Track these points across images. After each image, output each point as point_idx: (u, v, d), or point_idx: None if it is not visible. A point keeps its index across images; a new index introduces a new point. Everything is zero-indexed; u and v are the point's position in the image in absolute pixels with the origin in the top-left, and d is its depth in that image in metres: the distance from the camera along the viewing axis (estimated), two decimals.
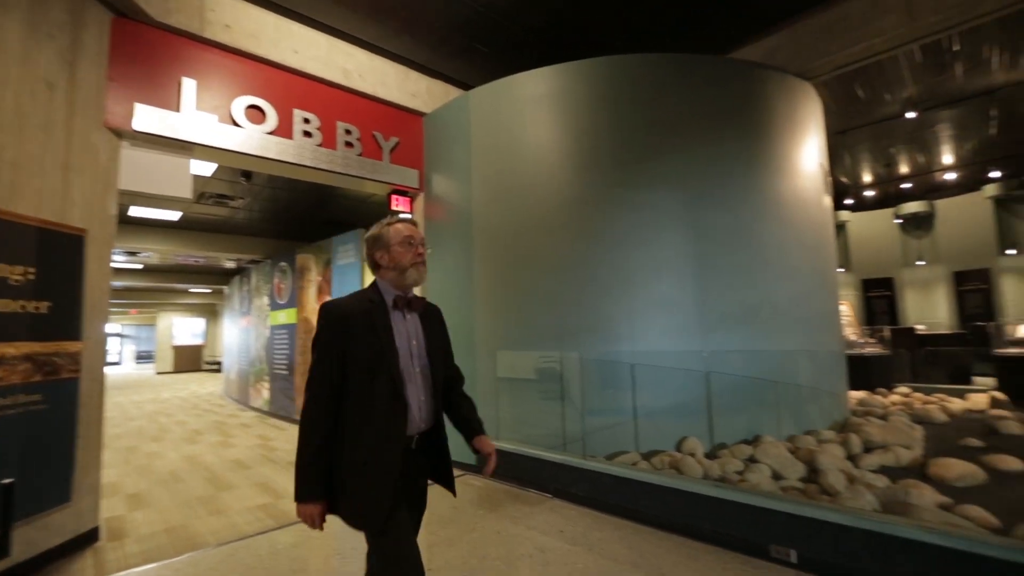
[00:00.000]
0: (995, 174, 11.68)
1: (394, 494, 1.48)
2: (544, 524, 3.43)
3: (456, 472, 4.73)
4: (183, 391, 14.16)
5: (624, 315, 4.26)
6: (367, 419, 1.50)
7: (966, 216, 12.42)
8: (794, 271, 4.74)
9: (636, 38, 5.53)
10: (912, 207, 13.18)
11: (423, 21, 4.99)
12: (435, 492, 1.87)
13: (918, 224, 13.38)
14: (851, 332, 9.13)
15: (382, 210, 5.63)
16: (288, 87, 4.62)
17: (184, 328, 22.87)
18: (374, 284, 1.68)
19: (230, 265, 12.81)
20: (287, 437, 6.81)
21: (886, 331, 9.05)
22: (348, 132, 4.93)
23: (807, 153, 5.18)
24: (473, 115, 5.08)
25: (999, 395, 6.29)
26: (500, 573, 2.77)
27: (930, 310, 13.16)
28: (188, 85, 4.00)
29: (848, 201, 13.73)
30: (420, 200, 5.57)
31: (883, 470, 3.84)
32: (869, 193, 13.17)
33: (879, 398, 6.51)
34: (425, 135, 5.62)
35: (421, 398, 1.60)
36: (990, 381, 7.28)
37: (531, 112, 4.78)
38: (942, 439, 4.76)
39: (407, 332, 1.63)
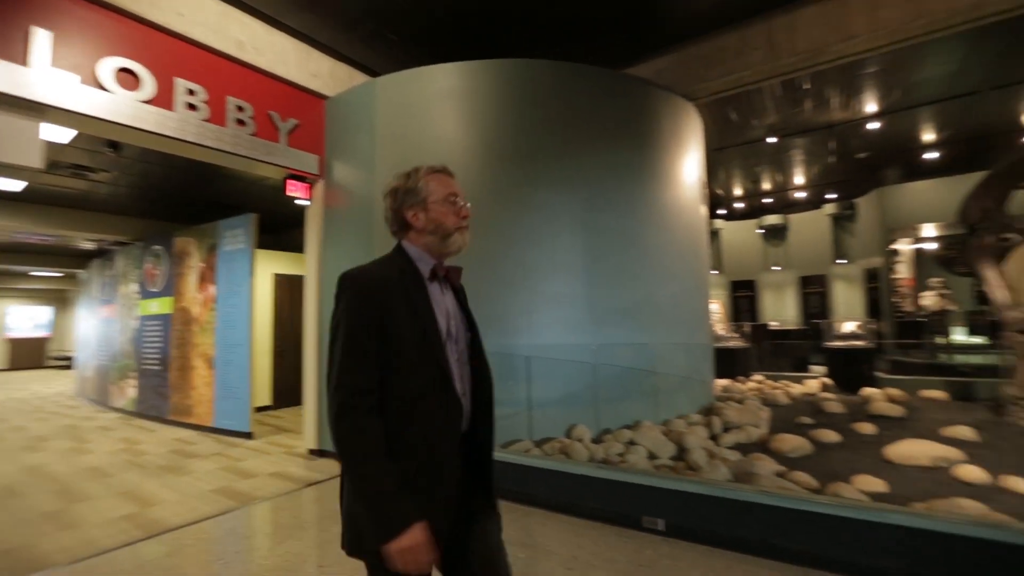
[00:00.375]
0: (832, 196, 13.83)
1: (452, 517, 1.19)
2: None
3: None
4: (21, 391, 12.14)
5: (523, 310, 4.47)
6: (409, 419, 1.18)
7: (811, 229, 14.54)
8: (673, 272, 5.29)
9: (540, 43, 5.76)
10: (771, 219, 15.13)
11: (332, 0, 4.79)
12: None
13: (776, 234, 15.38)
14: (720, 327, 10.31)
15: (276, 195, 5.32)
16: (171, 53, 4.19)
17: (23, 317, 19.53)
18: (400, 249, 1.37)
19: (88, 246, 11.20)
20: (159, 439, 6.18)
21: (747, 327, 10.33)
22: (240, 109, 4.59)
23: (688, 166, 5.78)
24: (380, 103, 4.98)
25: (828, 381, 7.51)
26: None
27: (782, 309, 15.22)
28: (41, 37, 3.48)
29: (721, 211, 15.39)
30: (319, 187, 5.34)
31: (737, 446, 4.44)
32: (739, 205, 14.88)
33: (739, 385, 7.46)
34: (327, 119, 5.39)
35: (464, 391, 1.30)
36: (822, 369, 8.64)
37: (440, 106, 4.81)
38: (783, 419, 5.58)
39: (446, 310, 1.34)
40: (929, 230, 11.06)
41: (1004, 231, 4.83)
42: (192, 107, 4.25)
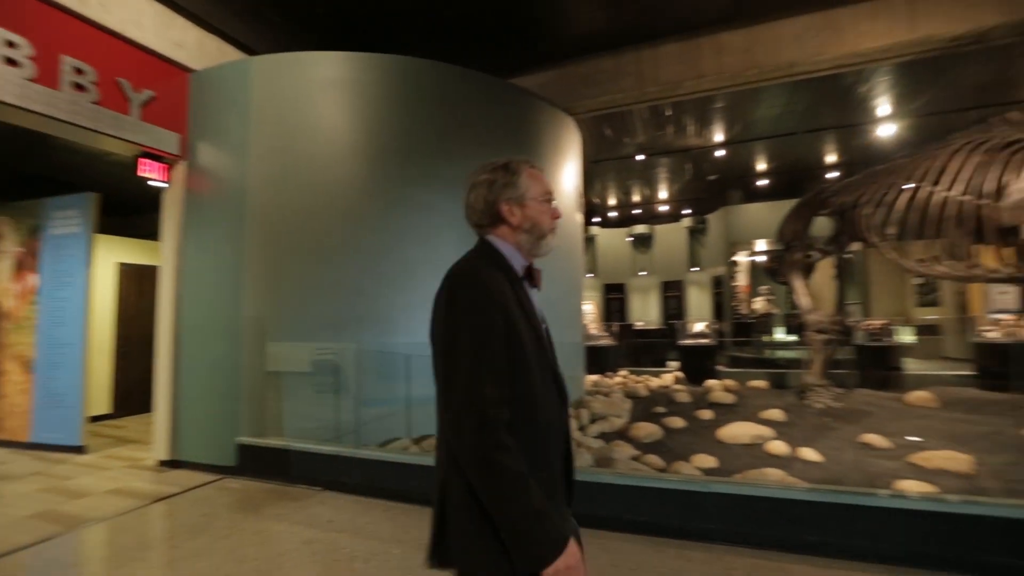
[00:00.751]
0: (688, 211, 15.68)
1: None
2: (311, 517, 3.42)
3: (211, 476, 4.31)
4: None
5: (403, 308, 4.49)
6: (535, 429, 1.11)
7: (672, 240, 16.32)
8: (550, 274, 5.62)
9: (428, 43, 5.80)
10: (640, 229, 16.68)
11: None
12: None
13: (643, 242, 16.98)
14: (594, 327, 11.15)
15: (126, 172, 4.71)
16: None
17: None
18: (490, 246, 1.25)
19: None
20: None
21: (615, 327, 11.31)
22: (79, 72, 3.99)
23: (567, 175, 6.21)
24: (257, 84, 4.64)
25: (680, 375, 8.53)
26: (261, 573, 2.70)
27: (648, 310, 16.86)
28: None
29: (596, 219, 16.62)
30: (180, 169, 4.82)
31: (602, 435, 4.90)
32: (613, 214, 16.20)
33: (607, 379, 8.16)
34: (192, 95, 4.88)
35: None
36: (676, 364, 9.78)
37: (323, 94, 4.63)
38: (642, 409, 6.25)
39: (539, 313, 1.24)
40: (761, 245, 12.99)
41: (809, 249, 5.93)
42: (12, 62, 3.61)
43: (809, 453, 4.06)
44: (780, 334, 11.64)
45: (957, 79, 7.22)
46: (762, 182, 12.40)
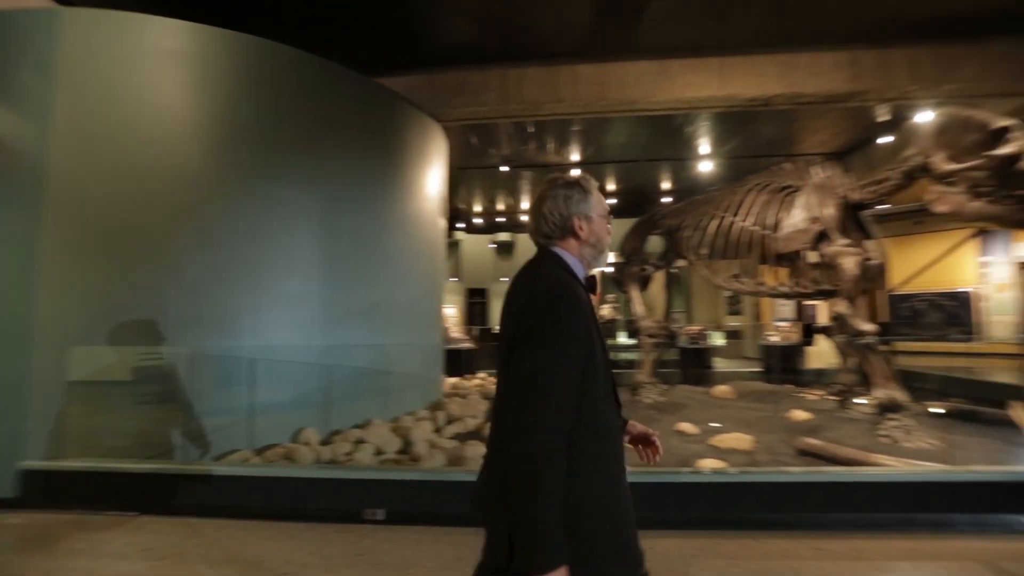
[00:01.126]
0: None
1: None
2: (123, 547, 2.99)
3: None
4: None
5: (250, 309, 4.15)
6: (596, 436, 1.08)
7: (532, 248, 17.27)
8: (410, 276, 5.66)
9: (289, 28, 5.45)
10: (503, 236, 17.37)
11: None
12: None
13: (506, 249, 17.70)
14: (456, 330, 11.32)
15: None
16: None
17: None
18: (557, 256, 1.25)
19: None
20: None
21: (475, 330, 11.63)
22: None
23: (431, 180, 6.27)
24: (66, 39, 3.91)
25: None
26: None
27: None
28: None
29: (461, 224, 16.91)
30: None
31: (457, 436, 5.04)
32: (478, 220, 16.63)
33: (466, 382, 8.35)
34: None
35: None
36: None
37: (159, 65, 4.07)
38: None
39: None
40: (610, 258, 14.40)
41: (644, 263, 6.79)
42: None
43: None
44: (623, 338, 13.02)
45: (755, 131, 8.87)
46: (612, 201, 13.78)
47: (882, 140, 8.68)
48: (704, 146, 9.68)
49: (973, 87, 5.93)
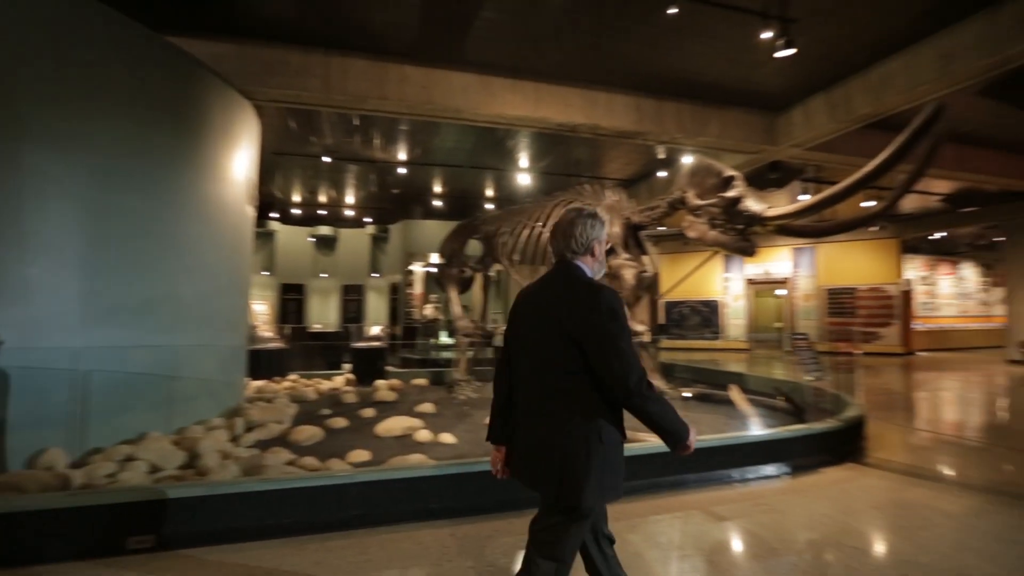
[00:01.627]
0: (373, 219, 16.31)
1: None
2: None
3: None
4: None
5: None
6: (615, 405, 1.61)
7: (355, 244, 16.61)
8: (206, 268, 5.02)
9: None
10: (324, 230, 16.34)
11: None
12: None
13: (326, 244, 16.69)
14: (266, 329, 10.29)
15: None
16: None
17: None
18: (581, 270, 1.71)
19: None
20: None
21: (287, 328, 10.75)
22: None
23: (237, 162, 5.64)
24: None
25: (351, 376, 8.76)
26: None
27: (327, 313, 16.58)
28: None
29: (276, 214, 15.44)
30: None
31: (258, 443, 4.63)
32: (296, 211, 15.35)
33: (274, 385, 7.67)
34: None
35: None
36: (349, 366, 9.99)
37: None
38: (308, 412, 6.16)
39: None
40: (434, 258, 14.59)
41: (463, 266, 7.10)
42: None
43: (447, 437, 4.86)
44: (444, 337, 13.32)
45: (566, 152, 9.95)
46: (438, 202, 14.00)
47: (660, 174, 10.51)
48: (523, 160, 10.50)
49: (718, 142, 7.59)
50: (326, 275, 16.57)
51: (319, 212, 15.47)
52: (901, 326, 14.55)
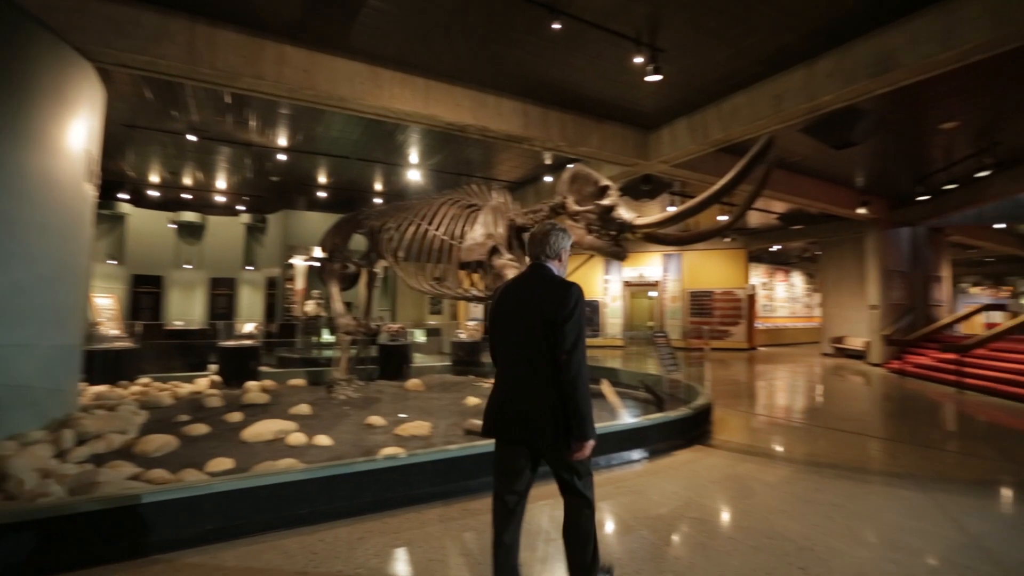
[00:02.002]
0: (248, 207, 14.96)
1: None
2: None
3: None
4: None
5: None
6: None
7: (227, 234, 15.11)
8: (27, 254, 4.27)
9: None
10: (189, 216, 14.65)
11: None
12: None
13: (192, 232, 14.98)
14: (111, 326, 8.97)
15: None
16: None
17: None
18: (551, 270, 2.26)
19: None
20: None
21: (139, 326, 9.50)
22: None
23: (73, 132, 4.87)
24: None
25: (217, 378, 7.98)
26: None
27: (191, 308, 14.89)
28: None
29: (126, 195, 13.52)
30: None
31: (94, 457, 4.04)
32: (154, 193, 13.55)
33: (119, 390, 6.73)
34: None
35: None
36: (216, 367, 9.09)
37: None
38: (162, 419, 5.51)
39: None
40: (317, 252, 13.80)
41: (346, 261, 6.83)
42: None
43: (323, 439, 4.65)
44: (327, 335, 12.65)
45: (457, 151, 10.00)
46: (322, 193, 13.25)
47: (547, 179, 10.99)
48: (414, 155, 10.35)
49: (597, 153, 8.14)
50: (190, 266, 14.85)
51: (183, 196, 13.81)
52: (747, 325, 16.74)
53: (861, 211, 11.85)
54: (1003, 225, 15.34)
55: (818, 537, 3.09)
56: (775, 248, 18.31)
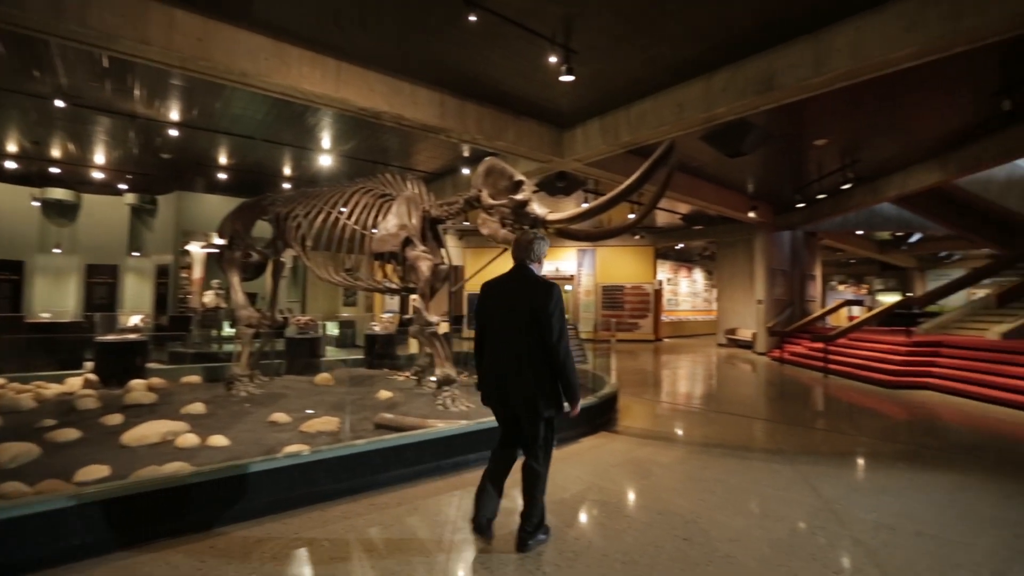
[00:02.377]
0: (133, 186, 13.42)
1: None
2: None
3: None
4: None
5: None
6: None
7: (107, 215, 13.49)
8: None
9: None
10: (58, 193, 12.88)
11: None
12: None
13: (62, 212, 13.20)
14: None
15: None
16: None
17: None
18: (532, 270, 2.85)
19: None
20: None
21: None
22: None
23: None
24: None
25: (93, 377, 7.14)
26: None
27: (61, 298, 13.14)
28: None
29: None
30: None
31: None
32: (11, 165, 11.75)
33: None
34: None
35: None
36: (92, 365, 8.11)
37: None
38: (22, 424, 4.84)
39: None
40: (217, 238, 12.74)
41: (248, 249, 6.37)
42: None
43: (219, 440, 4.33)
44: (228, 328, 11.73)
45: (372, 138, 9.66)
46: (223, 175, 12.23)
47: (465, 171, 10.95)
48: (326, 140, 9.86)
49: (513, 147, 8.24)
50: (60, 250, 13.06)
51: (51, 170, 12.08)
52: (653, 317, 17.85)
53: (751, 215, 13.07)
54: (862, 232, 17.67)
55: (702, 511, 3.40)
56: (679, 246, 19.68)
